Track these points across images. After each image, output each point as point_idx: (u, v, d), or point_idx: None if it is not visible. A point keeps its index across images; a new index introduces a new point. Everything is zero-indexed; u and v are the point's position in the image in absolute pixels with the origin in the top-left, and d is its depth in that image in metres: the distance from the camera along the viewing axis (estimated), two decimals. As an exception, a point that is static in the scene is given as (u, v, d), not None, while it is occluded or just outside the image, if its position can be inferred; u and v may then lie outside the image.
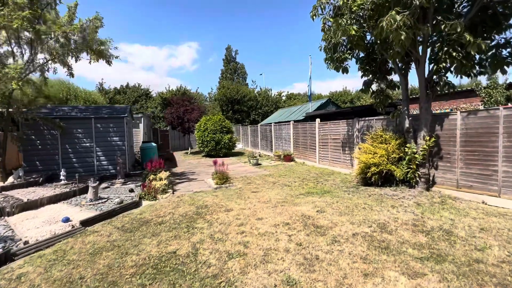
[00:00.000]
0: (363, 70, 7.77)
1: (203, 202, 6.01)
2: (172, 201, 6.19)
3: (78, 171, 8.26)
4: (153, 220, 4.80)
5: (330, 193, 6.42)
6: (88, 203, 5.55)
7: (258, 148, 18.83)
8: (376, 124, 8.06)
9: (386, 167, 6.44)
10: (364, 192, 6.34)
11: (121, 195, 6.49)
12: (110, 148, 8.57)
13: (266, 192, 6.78)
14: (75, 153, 8.21)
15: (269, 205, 5.59)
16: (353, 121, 8.97)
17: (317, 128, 11.10)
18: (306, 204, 5.54)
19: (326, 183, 7.61)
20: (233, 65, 52.32)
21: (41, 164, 7.86)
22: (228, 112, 36.60)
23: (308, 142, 11.98)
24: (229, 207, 5.54)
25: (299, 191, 6.83)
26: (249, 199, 6.16)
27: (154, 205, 5.84)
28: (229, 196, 6.51)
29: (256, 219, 4.72)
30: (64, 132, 8.03)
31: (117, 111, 8.93)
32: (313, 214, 4.87)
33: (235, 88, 37.86)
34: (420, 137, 6.11)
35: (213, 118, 16.73)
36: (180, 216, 5.00)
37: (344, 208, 5.18)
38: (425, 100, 6.04)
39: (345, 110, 9.85)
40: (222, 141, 16.10)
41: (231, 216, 4.90)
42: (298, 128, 12.90)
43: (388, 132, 6.99)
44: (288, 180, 8.39)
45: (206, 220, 4.74)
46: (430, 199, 5.54)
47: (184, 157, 17.02)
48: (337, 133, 9.94)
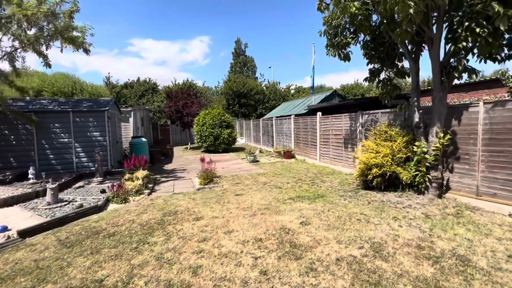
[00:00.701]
0: (368, 57, 6.71)
1: (175, 207, 5.29)
2: (142, 205, 5.51)
3: (56, 169, 7.76)
4: (106, 230, 4.12)
5: (323, 198, 5.54)
6: (44, 207, 4.96)
7: (260, 144, 18.00)
8: (382, 119, 7.03)
9: (391, 169, 5.47)
10: (363, 198, 5.41)
11: (90, 196, 5.88)
12: (90, 144, 7.99)
13: (251, 196, 5.98)
14: (52, 149, 7.69)
15: (247, 212, 4.79)
16: (356, 114, 7.95)
17: (318, 122, 10.12)
18: (291, 213, 4.70)
19: (322, 185, 6.71)
20: (242, 58, 51.53)
21: (15, 160, 7.40)
22: (234, 106, 35.83)
23: (309, 138, 11.03)
24: (201, 214, 4.79)
25: (289, 194, 5.99)
26: (228, 204, 5.38)
27: (119, 210, 5.17)
28: (208, 199, 5.76)
29: (225, 232, 3.94)
30: (39, 127, 7.51)
31: (98, 104, 8.32)
32: (295, 227, 4.03)
33: (242, 81, 36.96)
34: (432, 134, 5.08)
35: (212, 112, 15.99)
36: (140, 225, 4.30)
37: (335, 220, 4.30)
38: (439, 88, 4.99)
39: (348, 102, 8.84)
40: (221, 136, 15.36)
41: (197, 227, 4.14)
42: (299, 123, 11.94)
43: (395, 128, 5.97)
44: (281, 180, 7.55)
45: (166, 232, 4.01)
46: (443, 210, 4.55)
47: (183, 153, 16.46)
48: (339, 128, 8.94)
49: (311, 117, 10.85)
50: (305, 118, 11.37)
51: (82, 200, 5.58)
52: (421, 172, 5.07)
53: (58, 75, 27.40)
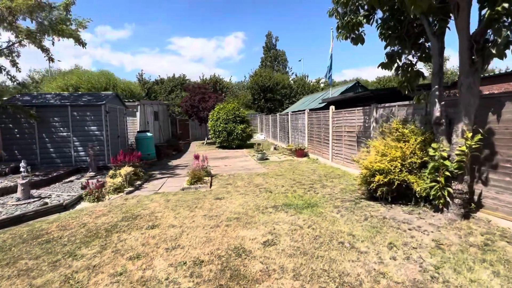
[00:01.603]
0: (385, 37, 5.45)
1: (141, 210, 4.80)
2: (112, 205, 5.13)
3: (56, 162, 7.91)
4: (49, 234, 3.76)
5: (312, 209, 4.59)
6: (13, 203, 4.84)
7: (277, 140, 17.08)
8: (400, 113, 5.74)
9: (400, 177, 4.29)
10: (361, 212, 4.34)
11: (68, 192, 5.71)
12: (87, 138, 7.99)
13: (232, 200, 5.26)
14: (52, 143, 7.83)
15: (212, 223, 4.09)
16: (370, 108, 6.69)
17: (331, 117, 8.93)
18: (261, 226, 3.88)
19: (321, 191, 5.71)
20: (273, 52, 50.66)
21: (19, 153, 7.68)
22: (260, 101, 35.10)
23: (322, 135, 9.87)
24: (160, 221, 4.21)
25: (276, 201, 5.14)
26: (199, 210, 4.73)
27: (84, 210, 4.85)
28: (182, 202, 5.18)
29: (169, 247, 3.29)
30: (40, 121, 7.67)
31: (97, 98, 8.27)
32: (254, 248, 3.22)
33: (268, 75, 35.99)
34: (456, 133, 3.80)
35: (226, 106, 15.50)
36: (87, 231, 3.86)
37: (310, 241, 3.38)
38: (468, 72, 3.68)
39: (364, 94, 7.51)
40: (234, 131, 14.81)
41: (143, 239, 3.56)
42: (313, 118, 10.80)
43: (410, 125, 4.72)
44: (277, 182, 6.68)
45: (106, 242, 3.50)
46: (465, 237, 3.33)
47: (198, 148, 16.29)
48: (352, 124, 7.71)
49: (324, 112, 9.68)
50: (318, 113, 10.21)
51: (58, 196, 5.41)
52: (438, 183, 3.84)
53: (95, 72, 29.28)
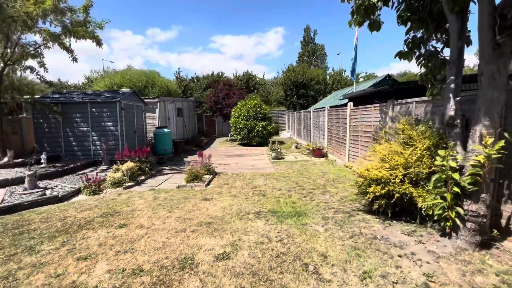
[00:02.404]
0: (404, 20, 4.60)
1: (126, 206, 4.82)
2: (103, 199, 5.27)
3: (77, 155, 8.57)
4: (28, 225, 3.94)
5: (298, 219, 4.08)
6: (20, 192, 5.27)
7: (301, 138, 16.31)
8: (418, 110, 4.80)
9: (401, 189, 3.53)
10: (352, 227, 3.69)
11: (76, 184, 6.06)
12: (104, 133, 8.47)
13: (218, 202, 5.00)
14: (74, 137, 8.50)
15: (181, 226, 3.88)
16: (387, 105, 5.78)
17: (348, 115, 8.06)
18: (228, 235, 3.54)
19: (319, 198, 5.11)
20: (311, 46, 49.19)
21: (48, 146, 8.50)
22: (292, 97, 34.16)
23: (340, 134, 9.02)
24: (133, 220, 4.14)
25: (264, 206, 4.72)
26: (177, 211, 4.57)
27: (76, 202, 5.05)
28: (167, 202, 5.08)
29: (121, 251, 3.16)
30: (64, 117, 8.37)
31: (113, 95, 8.72)
32: (204, 260, 2.91)
33: (301, 71, 34.83)
34: (473, 137, 2.94)
35: (248, 103, 15.27)
36: (62, 225, 3.96)
37: (270, 258, 2.94)
38: (489, 57, 2.79)
39: (383, 89, 6.48)
40: (255, 128, 14.52)
41: (104, 239, 3.50)
42: (332, 116, 9.94)
43: (421, 126, 3.87)
44: (278, 185, 6.22)
45: (70, 238, 3.52)
46: (472, 275, 2.54)
47: (220, 144, 16.40)
48: (368, 123, 6.82)
49: (342, 109, 8.80)
50: (337, 110, 9.33)
51: (62, 187, 5.77)
52: (445, 200, 3.02)
53: (137, 71, 31.55)
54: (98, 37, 8.09)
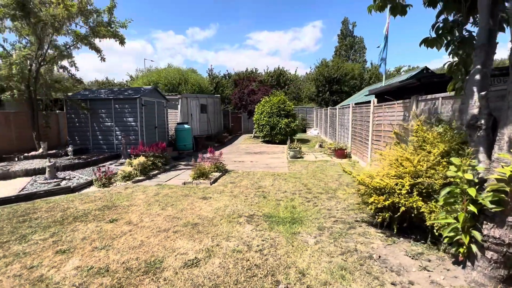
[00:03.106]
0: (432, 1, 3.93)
1: (125, 200, 4.93)
2: (110, 192, 5.47)
3: (103, 148, 9.16)
4: (33, 214, 4.21)
5: (291, 226, 3.73)
6: (41, 182, 5.73)
7: (327, 136, 15.47)
8: (444, 108, 4.05)
9: (408, 201, 2.96)
10: (348, 241, 3.23)
11: (92, 176, 6.42)
12: (125, 128, 8.91)
13: (214, 202, 4.84)
14: (100, 131, 9.09)
15: (167, 225, 3.79)
16: (410, 102, 5.02)
17: (372, 113, 7.29)
18: (208, 239, 3.35)
19: (323, 205, 4.66)
20: (349, 40, 46.93)
21: (78, 139, 9.22)
22: (324, 94, 32.76)
23: (363, 134, 8.24)
24: (125, 215, 4.18)
25: (261, 209, 4.44)
26: (170, 209, 4.51)
27: (85, 194, 5.32)
28: (166, 198, 5.07)
29: (98, 247, 3.16)
30: (92, 112, 8.99)
31: (136, 92, 9.09)
32: (173, 265, 2.75)
33: (335, 65, 33.20)
34: (501, 142, 2.29)
35: (272, 99, 14.90)
36: (61, 216, 4.15)
37: (241, 270, 2.67)
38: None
39: (409, 83, 5.58)
40: (277, 126, 14.13)
41: (91, 232, 3.56)
42: (356, 113, 9.13)
43: (441, 126, 3.21)
44: (284, 187, 5.87)
45: (61, 230, 3.65)
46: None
47: (243, 142, 16.33)
48: (391, 121, 6.05)
49: (366, 106, 8.00)
50: (361, 107, 8.52)
51: (78, 179, 6.16)
52: (456, 221, 2.42)
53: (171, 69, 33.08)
54: (121, 36, 8.47)
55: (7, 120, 7.91)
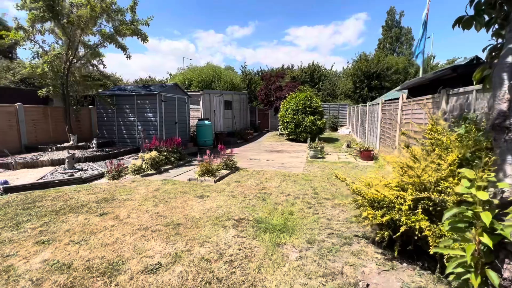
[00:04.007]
0: None
1: (126, 194, 4.99)
2: (116, 185, 5.62)
3: (126, 142, 9.63)
4: (39, 202, 4.46)
5: (279, 236, 3.35)
6: (60, 171, 6.16)
7: (358, 135, 14.29)
8: (479, 104, 3.22)
9: (409, 220, 2.36)
10: (336, 261, 2.74)
11: (102, 168, 6.73)
12: (146, 123, 9.22)
13: (208, 202, 4.64)
14: (124, 126, 9.56)
15: (150, 223, 3.69)
16: (440, 96, 4.17)
17: (400, 110, 6.38)
18: (182, 243, 3.14)
19: (324, 213, 4.15)
20: (395, 31, 43.59)
21: (106, 132, 9.84)
22: (362, 90, 30.63)
23: (391, 134, 7.29)
24: (117, 210, 4.20)
25: (254, 213, 4.12)
26: (162, 206, 4.42)
27: (93, 186, 5.54)
28: (165, 194, 5.02)
29: (75, 241, 3.16)
30: (118, 107, 9.49)
31: (157, 88, 9.34)
32: (131, 270, 2.59)
33: (375, 59, 30.83)
34: (536, 152, 1.61)
35: (298, 95, 14.24)
36: (61, 206, 4.33)
37: (198, 284, 2.39)
38: None
39: (443, 74, 4.57)
40: (302, 123, 13.46)
41: (77, 225, 3.61)
42: (386, 111, 8.14)
43: (464, 126, 2.50)
44: (290, 189, 5.43)
45: (52, 220, 3.77)
46: None
47: (267, 139, 15.96)
48: (419, 119, 5.17)
49: (395, 103, 7.05)
50: (390, 104, 7.55)
51: (93, 170, 6.50)
52: (464, 254, 1.79)
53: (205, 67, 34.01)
54: (144, 34, 8.74)
55: (46, 114, 8.80)
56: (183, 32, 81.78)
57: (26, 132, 8.29)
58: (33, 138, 8.49)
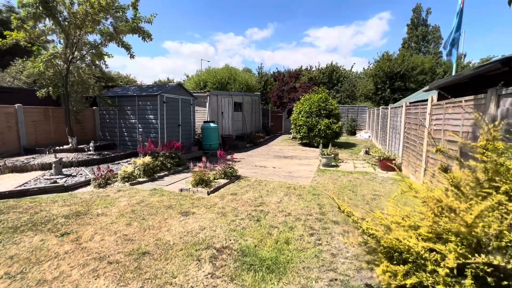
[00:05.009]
0: None
1: (104, 206, 4.42)
2: (99, 194, 5.09)
3: (127, 144, 9.24)
4: (4, 215, 4.00)
5: (261, 278, 2.58)
6: (46, 177, 5.76)
7: (378, 141, 13.05)
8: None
9: (436, 281, 1.49)
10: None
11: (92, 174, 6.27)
12: (147, 126, 8.76)
13: (197, 221, 3.95)
14: (125, 128, 9.17)
15: (114, 251, 3.04)
16: (486, 97, 3.18)
17: (428, 114, 5.34)
18: (137, 284, 2.45)
19: (328, 243, 3.31)
20: (421, 30, 41.47)
21: (108, 135, 9.52)
22: (384, 91, 28.89)
23: (418, 141, 6.23)
24: (84, 228, 3.61)
25: (243, 238, 3.38)
26: (140, 225, 3.78)
27: (72, 195, 5.03)
28: (146, 209, 4.39)
29: (7, 274, 2.58)
30: (119, 109, 9.13)
31: (159, 89, 8.86)
32: None
33: (399, 59, 29.04)
34: None
35: (312, 97, 13.29)
36: (25, 220, 3.82)
37: None
38: None
39: (488, 69, 3.56)
40: (316, 127, 12.49)
41: (27, 249, 3.04)
42: (410, 115, 7.05)
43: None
44: (292, 207, 4.61)
45: (5, 241, 3.24)
46: None
47: (278, 143, 15.09)
48: (456, 126, 4.15)
49: (422, 105, 5.99)
50: (417, 106, 6.48)
51: (84, 176, 6.05)
52: None
53: (220, 69, 33.78)
54: (147, 32, 8.28)
55: (47, 115, 8.62)
56: (203, 35, 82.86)
57: (26, 133, 8.11)
58: (33, 140, 8.32)
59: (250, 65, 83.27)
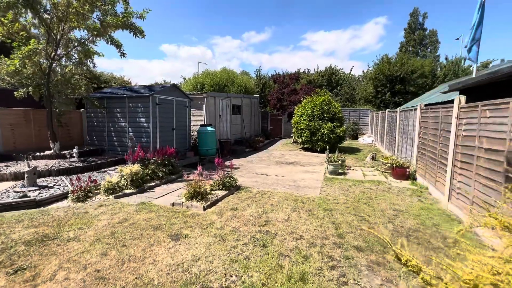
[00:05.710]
0: None
1: (79, 227, 3.68)
2: (75, 211, 4.33)
3: (116, 150, 8.47)
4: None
5: None
6: (16, 190, 4.99)
7: (383, 146, 12.43)
8: None
9: None
10: None
11: (77, 185, 5.52)
12: (138, 129, 8.02)
13: (189, 248, 3.23)
14: (115, 132, 8.42)
15: None
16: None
17: (455, 118, 4.70)
18: None
19: (355, 281, 2.60)
20: (418, 34, 41.45)
21: (96, 139, 8.76)
22: (384, 94, 28.43)
23: (439, 148, 5.58)
24: (46, 262, 2.86)
25: (247, 274, 2.67)
26: (120, 254, 3.05)
27: (45, 211, 4.27)
28: (131, 230, 3.66)
29: None
30: (108, 111, 8.39)
31: (151, 90, 8.15)
32: None
33: (399, 62, 28.68)
34: None
35: (315, 100, 12.67)
36: None
37: None
38: None
39: None
40: (319, 131, 11.84)
41: None
42: (428, 118, 6.42)
43: None
44: (304, 227, 3.92)
45: None
46: None
47: (279, 148, 14.40)
48: (498, 133, 3.49)
49: (444, 108, 5.36)
50: (437, 109, 5.85)
51: (61, 187, 5.29)
52: None
53: (218, 71, 33.15)
54: (138, 28, 7.59)
55: (27, 118, 7.84)
56: (200, 38, 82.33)
57: (2, 137, 7.32)
58: (11, 145, 7.52)
59: (248, 68, 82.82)
